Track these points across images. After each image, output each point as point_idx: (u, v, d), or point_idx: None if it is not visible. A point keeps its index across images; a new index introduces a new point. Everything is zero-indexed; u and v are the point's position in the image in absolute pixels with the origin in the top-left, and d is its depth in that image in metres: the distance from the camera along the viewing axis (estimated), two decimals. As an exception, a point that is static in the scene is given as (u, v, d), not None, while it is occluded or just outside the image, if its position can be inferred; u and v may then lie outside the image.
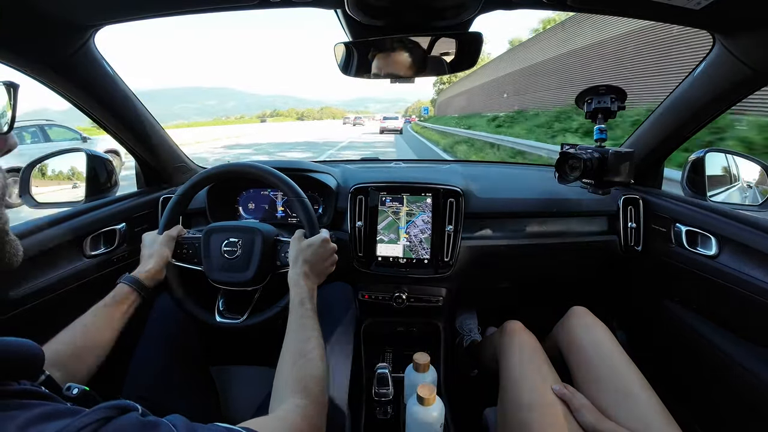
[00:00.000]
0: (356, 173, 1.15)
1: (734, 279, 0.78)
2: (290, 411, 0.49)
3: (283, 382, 0.54)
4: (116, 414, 0.29)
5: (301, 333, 0.60)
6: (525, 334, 0.83)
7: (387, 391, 0.94)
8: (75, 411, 0.29)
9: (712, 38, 0.77)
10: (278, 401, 0.52)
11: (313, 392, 0.52)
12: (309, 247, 0.73)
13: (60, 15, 0.68)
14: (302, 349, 0.58)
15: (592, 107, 0.99)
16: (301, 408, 0.49)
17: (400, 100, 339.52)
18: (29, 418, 0.25)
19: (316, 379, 0.55)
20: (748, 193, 0.97)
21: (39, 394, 0.30)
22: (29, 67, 0.74)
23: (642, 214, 1.05)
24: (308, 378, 0.54)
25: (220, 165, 0.85)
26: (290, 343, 0.59)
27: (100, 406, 0.30)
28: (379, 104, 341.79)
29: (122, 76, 0.92)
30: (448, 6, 0.70)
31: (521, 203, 1.08)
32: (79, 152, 0.98)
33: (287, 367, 0.56)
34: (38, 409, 0.27)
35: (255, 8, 0.74)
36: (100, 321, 0.64)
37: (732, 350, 0.81)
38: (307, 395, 0.51)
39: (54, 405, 0.29)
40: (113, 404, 0.30)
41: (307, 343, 0.59)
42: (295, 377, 0.54)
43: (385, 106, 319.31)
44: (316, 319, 0.64)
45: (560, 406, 0.68)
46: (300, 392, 0.51)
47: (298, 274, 0.69)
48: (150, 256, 0.76)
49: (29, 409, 0.26)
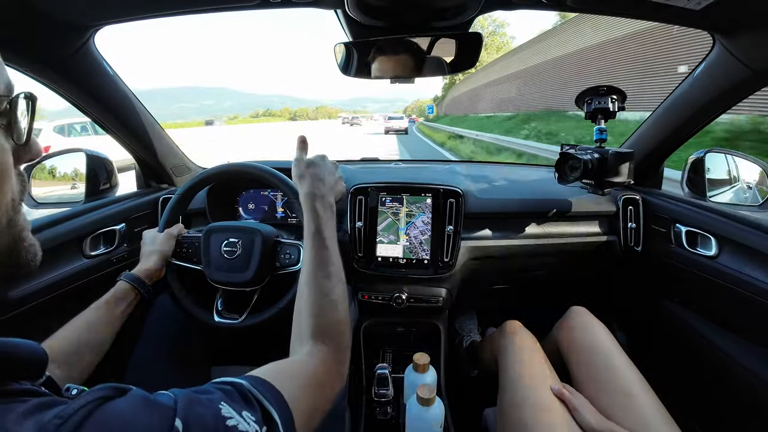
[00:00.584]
0: (356, 173, 1.15)
1: (734, 279, 0.78)
2: (309, 356, 0.46)
3: (302, 325, 0.50)
4: (115, 394, 0.29)
5: (319, 269, 0.54)
6: (524, 334, 0.83)
7: (387, 392, 0.94)
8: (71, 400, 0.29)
9: (712, 39, 0.78)
10: (299, 343, 0.49)
11: (334, 337, 0.49)
12: (311, 163, 0.65)
13: (60, 15, 0.68)
14: (322, 287, 0.53)
15: (592, 108, 0.99)
16: (322, 353, 0.47)
17: (399, 100, 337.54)
18: (28, 408, 0.25)
19: (338, 321, 0.51)
20: (747, 194, 0.97)
21: (39, 393, 0.30)
22: (29, 67, 0.74)
23: (642, 215, 1.05)
24: (329, 320, 0.50)
25: (220, 165, 0.85)
26: (308, 280, 0.54)
27: (98, 387, 0.29)
28: (378, 104, 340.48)
29: (120, 75, 0.92)
30: (448, 6, 0.70)
31: (521, 204, 1.08)
32: (79, 152, 0.98)
33: (306, 308, 0.51)
34: (36, 399, 0.27)
35: (255, 8, 0.74)
36: (100, 318, 0.64)
37: (732, 350, 0.81)
38: (328, 340, 0.48)
39: (52, 397, 0.29)
40: (111, 385, 0.30)
41: (327, 280, 0.53)
42: (316, 319, 0.50)
43: (383, 105, 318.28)
44: (337, 250, 0.58)
45: (559, 407, 0.68)
46: (321, 336, 0.48)
47: (308, 194, 0.61)
48: (150, 254, 0.76)
49: (27, 402, 0.26)
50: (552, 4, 0.72)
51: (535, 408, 0.67)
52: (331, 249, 0.57)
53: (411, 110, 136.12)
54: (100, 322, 0.64)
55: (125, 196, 1.04)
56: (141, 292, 0.71)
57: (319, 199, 0.60)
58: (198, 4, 0.74)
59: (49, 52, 0.74)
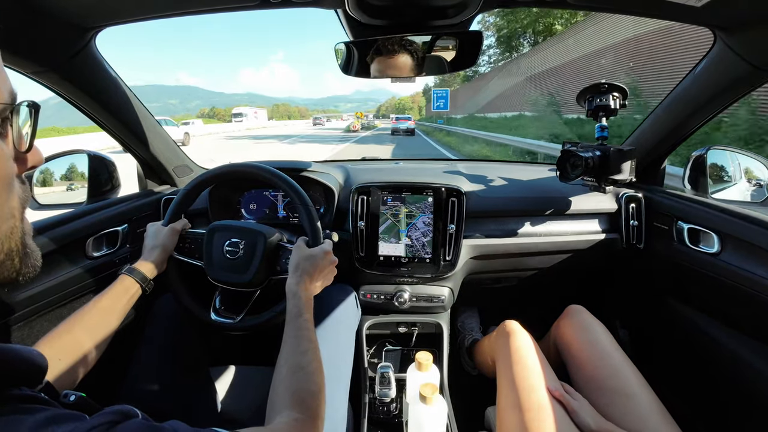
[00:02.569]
0: (358, 173, 1.15)
1: (736, 276, 0.78)
2: (286, 424, 0.48)
3: (280, 395, 0.53)
4: (121, 419, 0.31)
5: (298, 346, 0.59)
6: (521, 335, 0.82)
7: (389, 391, 0.94)
8: (78, 416, 0.30)
9: (713, 35, 0.77)
10: (274, 412, 0.51)
11: (310, 407, 0.52)
12: (310, 258, 0.71)
13: (61, 17, 0.68)
14: (299, 362, 0.57)
15: (593, 105, 0.98)
16: (298, 422, 0.49)
17: (370, 100, 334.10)
18: (38, 422, 0.26)
19: (313, 393, 0.54)
20: (750, 191, 0.97)
21: (39, 399, 0.30)
22: (31, 69, 0.74)
23: (644, 212, 1.05)
24: (305, 392, 0.53)
25: (223, 165, 0.85)
26: (287, 354, 0.58)
27: (105, 410, 0.31)
28: (350, 104, 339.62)
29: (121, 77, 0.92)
30: (448, 5, 0.70)
31: (523, 202, 1.08)
32: (81, 154, 0.98)
33: (284, 379, 0.55)
34: (42, 413, 0.27)
35: (256, 8, 0.74)
36: (103, 311, 0.65)
37: (735, 347, 0.81)
38: (304, 409, 0.51)
39: (57, 409, 0.30)
40: (117, 409, 0.31)
41: (305, 356, 0.58)
42: (292, 390, 0.53)
43: (355, 105, 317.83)
44: (314, 330, 0.63)
45: (557, 408, 0.67)
46: (297, 406, 0.51)
47: (296, 284, 0.68)
48: (153, 248, 0.76)
49: (33, 414, 0.27)
50: (552, 1, 0.72)
51: (532, 410, 0.66)
52: (310, 328, 0.63)
53: (385, 109, 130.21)
54: (103, 315, 0.64)
55: (127, 197, 1.05)
56: (142, 286, 0.71)
57: (303, 290, 0.67)
58: (198, 4, 0.74)
59: (50, 55, 0.74)
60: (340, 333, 0.83)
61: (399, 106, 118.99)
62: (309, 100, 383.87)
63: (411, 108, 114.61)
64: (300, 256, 0.72)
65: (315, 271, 0.71)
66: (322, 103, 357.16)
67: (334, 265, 0.76)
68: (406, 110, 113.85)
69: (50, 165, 0.94)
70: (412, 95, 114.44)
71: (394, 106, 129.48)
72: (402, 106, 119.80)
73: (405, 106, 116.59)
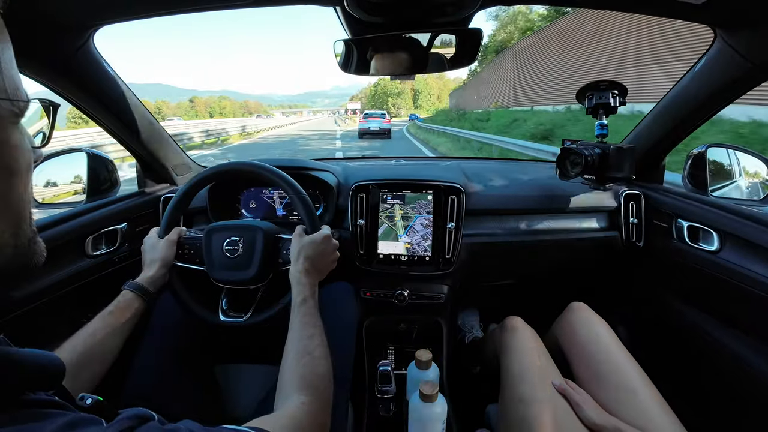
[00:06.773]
0: (357, 171, 1.15)
1: (736, 274, 0.78)
2: (295, 408, 0.49)
3: (287, 380, 0.54)
4: (138, 424, 0.31)
5: (304, 331, 0.61)
6: (525, 330, 0.83)
7: (389, 389, 0.95)
8: (96, 420, 0.30)
9: (713, 33, 0.77)
10: (283, 398, 0.52)
11: (317, 389, 0.53)
12: (310, 243, 0.72)
13: (59, 15, 0.67)
14: (306, 347, 0.58)
15: (593, 103, 0.98)
16: (306, 405, 0.50)
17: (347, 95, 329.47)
18: (60, 426, 0.26)
19: (321, 377, 0.55)
20: (749, 188, 0.97)
21: (55, 403, 0.30)
22: (29, 67, 0.74)
23: (643, 210, 1.05)
24: (312, 375, 0.55)
25: (220, 164, 0.85)
26: (293, 341, 0.59)
27: (122, 415, 0.31)
28: (328, 99, 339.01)
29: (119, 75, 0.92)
30: (447, 2, 0.69)
31: (522, 199, 1.08)
32: (80, 152, 0.98)
33: (291, 365, 0.56)
34: (61, 418, 0.27)
35: (252, 6, 0.74)
36: (107, 328, 0.64)
37: (733, 345, 0.81)
38: (311, 392, 0.52)
39: (75, 414, 0.30)
40: (133, 414, 0.32)
41: (311, 340, 0.59)
42: (299, 375, 0.54)
43: (333, 101, 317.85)
44: (319, 316, 0.65)
45: (561, 402, 0.68)
46: (304, 389, 0.52)
47: (299, 271, 0.69)
48: (152, 262, 0.76)
49: (52, 419, 0.27)
50: None
51: (536, 404, 0.67)
52: (315, 314, 0.64)
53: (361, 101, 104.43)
54: (107, 332, 0.63)
55: (126, 196, 1.05)
56: (145, 300, 0.71)
57: (306, 276, 0.68)
58: (196, 2, 0.73)
59: (49, 53, 0.74)
60: (340, 331, 0.83)
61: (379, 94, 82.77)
62: (285, 97, 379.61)
63: (399, 93, 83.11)
64: (300, 243, 0.72)
65: (317, 256, 0.71)
66: (300, 99, 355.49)
67: (335, 248, 0.76)
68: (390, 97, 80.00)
69: (49, 163, 0.94)
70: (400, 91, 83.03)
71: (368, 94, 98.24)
72: (383, 93, 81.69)
73: (388, 93, 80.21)
